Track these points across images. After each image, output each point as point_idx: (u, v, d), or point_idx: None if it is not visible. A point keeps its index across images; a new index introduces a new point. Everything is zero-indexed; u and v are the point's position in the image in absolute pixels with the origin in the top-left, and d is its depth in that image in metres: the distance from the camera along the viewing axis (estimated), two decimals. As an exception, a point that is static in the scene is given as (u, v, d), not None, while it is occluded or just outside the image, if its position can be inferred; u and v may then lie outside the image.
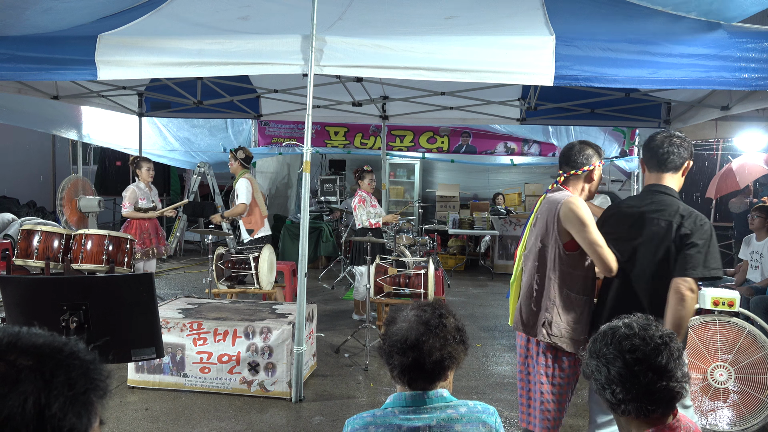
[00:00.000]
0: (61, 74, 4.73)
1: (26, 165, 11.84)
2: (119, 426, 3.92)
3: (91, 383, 0.92)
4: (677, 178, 2.79)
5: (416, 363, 1.64)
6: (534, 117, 7.90)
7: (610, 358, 1.57)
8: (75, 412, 0.88)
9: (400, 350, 1.65)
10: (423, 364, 1.64)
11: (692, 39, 4.03)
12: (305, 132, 4.34)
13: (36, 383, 0.86)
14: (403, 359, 1.65)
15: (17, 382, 0.85)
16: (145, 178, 6.66)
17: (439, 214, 11.28)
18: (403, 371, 1.66)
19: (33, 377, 0.86)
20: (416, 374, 1.66)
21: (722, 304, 3.98)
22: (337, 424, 4.03)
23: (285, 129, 10.88)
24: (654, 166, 2.80)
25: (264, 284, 5.72)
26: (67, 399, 0.87)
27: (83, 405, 0.90)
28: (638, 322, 1.62)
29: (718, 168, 10.40)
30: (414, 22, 4.67)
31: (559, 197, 2.82)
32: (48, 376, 0.87)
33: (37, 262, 5.80)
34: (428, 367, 1.65)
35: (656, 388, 1.53)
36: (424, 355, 1.64)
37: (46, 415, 0.85)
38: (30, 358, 0.88)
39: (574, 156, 2.90)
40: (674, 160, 2.75)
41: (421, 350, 1.64)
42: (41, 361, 0.88)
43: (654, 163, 2.80)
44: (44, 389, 0.86)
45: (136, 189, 6.53)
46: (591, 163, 2.90)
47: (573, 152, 2.91)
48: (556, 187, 2.93)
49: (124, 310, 2.44)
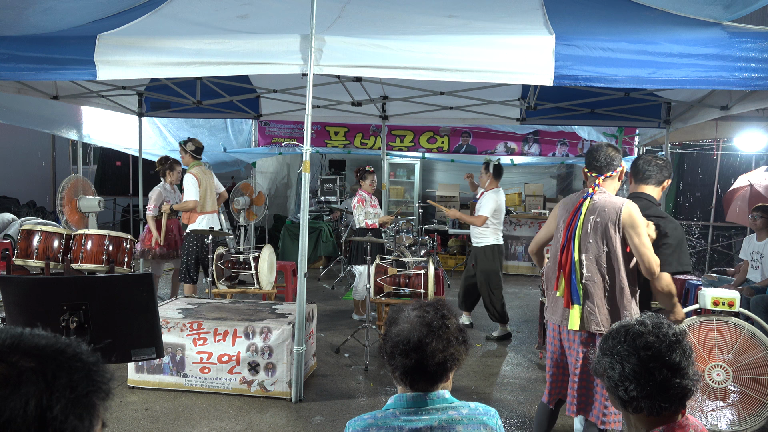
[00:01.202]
0: (60, 74, 4.73)
1: (26, 165, 11.84)
2: (119, 426, 3.92)
3: (93, 385, 0.91)
4: (657, 190, 3.36)
5: (419, 365, 1.63)
6: (534, 117, 7.90)
7: (624, 355, 1.56)
8: (77, 415, 0.88)
9: (403, 352, 1.64)
10: (426, 366, 1.64)
11: (692, 39, 4.03)
12: (305, 132, 4.34)
13: (38, 385, 0.85)
14: (406, 361, 1.64)
15: (19, 384, 0.84)
16: (174, 180, 6.64)
17: (439, 214, 11.28)
18: (406, 373, 1.65)
19: (35, 379, 0.85)
20: (419, 376, 1.65)
21: (722, 304, 3.97)
22: (337, 424, 4.03)
23: (285, 129, 10.88)
24: (638, 180, 3.41)
25: (264, 284, 5.72)
26: (69, 401, 0.87)
27: (85, 407, 0.89)
28: (651, 319, 1.62)
29: (718, 168, 10.40)
30: (413, 20, 4.67)
31: (614, 202, 3.03)
32: (50, 378, 0.87)
33: (37, 262, 5.80)
34: (431, 369, 1.64)
35: (670, 385, 1.53)
36: (427, 356, 1.63)
37: (47, 418, 0.84)
38: (32, 359, 0.88)
39: (608, 158, 3.11)
40: (653, 177, 3.35)
41: (424, 352, 1.63)
42: (43, 362, 0.88)
43: (639, 178, 3.40)
44: (46, 391, 0.85)
45: (162, 191, 6.52)
46: (620, 164, 3.15)
47: (606, 154, 3.11)
48: (599, 190, 3.09)
49: (124, 310, 2.44)
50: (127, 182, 11.04)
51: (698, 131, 8.03)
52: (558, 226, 3.21)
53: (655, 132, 8.38)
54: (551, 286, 3.18)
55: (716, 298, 3.99)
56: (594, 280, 3.02)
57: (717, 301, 3.98)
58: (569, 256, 3.05)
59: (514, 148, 10.64)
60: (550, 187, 13.25)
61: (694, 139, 9.09)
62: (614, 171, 3.11)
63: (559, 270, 3.10)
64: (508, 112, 8.00)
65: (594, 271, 3.02)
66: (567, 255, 3.06)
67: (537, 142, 10.63)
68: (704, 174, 10.69)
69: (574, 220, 3.07)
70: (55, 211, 11.69)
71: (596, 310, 3.00)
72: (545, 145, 10.65)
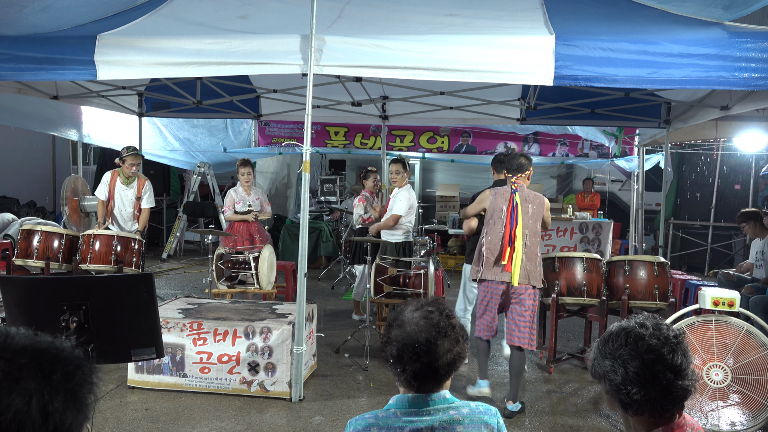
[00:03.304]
0: (60, 74, 4.73)
1: (26, 165, 11.83)
2: (119, 426, 3.92)
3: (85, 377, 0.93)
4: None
5: (429, 366, 1.62)
6: (534, 117, 7.90)
7: (627, 358, 1.55)
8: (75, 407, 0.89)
9: (413, 354, 1.62)
10: (437, 367, 1.63)
11: (692, 39, 4.03)
12: (305, 132, 4.33)
13: (37, 380, 0.86)
14: (416, 363, 1.62)
15: (20, 379, 0.85)
16: (243, 183, 6.59)
17: (439, 214, 11.28)
18: (416, 375, 1.64)
19: (34, 374, 0.87)
20: (428, 377, 1.65)
21: (722, 304, 3.97)
22: (337, 424, 4.03)
23: (285, 129, 10.88)
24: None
25: (264, 284, 5.72)
26: (67, 393, 0.89)
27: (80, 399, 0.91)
28: (650, 321, 1.62)
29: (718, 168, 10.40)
30: (413, 20, 4.67)
31: (537, 194, 4.43)
32: (47, 372, 0.88)
33: (37, 262, 5.80)
34: (442, 370, 1.64)
35: (673, 387, 1.53)
36: (438, 357, 1.62)
37: (49, 411, 0.86)
38: (25, 355, 0.89)
39: (519, 165, 4.42)
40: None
41: (435, 353, 1.62)
42: (37, 358, 0.89)
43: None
44: (46, 385, 0.87)
45: (233, 194, 6.54)
46: (529, 168, 4.47)
47: (518, 162, 4.43)
48: (519, 186, 4.36)
49: (124, 310, 2.44)
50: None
51: (698, 131, 8.03)
52: (494, 214, 4.37)
53: (655, 132, 8.38)
54: (498, 259, 4.26)
55: (716, 298, 3.98)
56: (532, 249, 4.28)
57: (717, 301, 3.98)
58: (514, 234, 4.19)
59: (514, 148, 10.64)
60: (550, 187, 13.25)
61: (694, 139, 9.09)
62: (523, 173, 4.41)
63: (507, 245, 4.20)
64: (508, 112, 8.00)
65: (531, 243, 4.28)
66: (513, 234, 4.19)
67: (537, 142, 10.64)
68: (704, 174, 10.68)
69: (515, 210, 4.22)
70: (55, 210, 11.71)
71: (533, 269, 4.27)
72: (545, 145, 10.66)
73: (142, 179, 6.59)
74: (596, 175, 12.67)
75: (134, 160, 6.42)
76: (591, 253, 6.17)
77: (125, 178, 6.48)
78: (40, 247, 5.79)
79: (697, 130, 7.97)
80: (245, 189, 6.59)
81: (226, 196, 6.62)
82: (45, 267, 5.79)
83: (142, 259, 6.11)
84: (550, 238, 9.39)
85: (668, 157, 8.29)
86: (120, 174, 6.48)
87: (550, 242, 9.29)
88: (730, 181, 10.61)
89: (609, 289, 5.15)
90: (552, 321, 5.15)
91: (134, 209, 6.52)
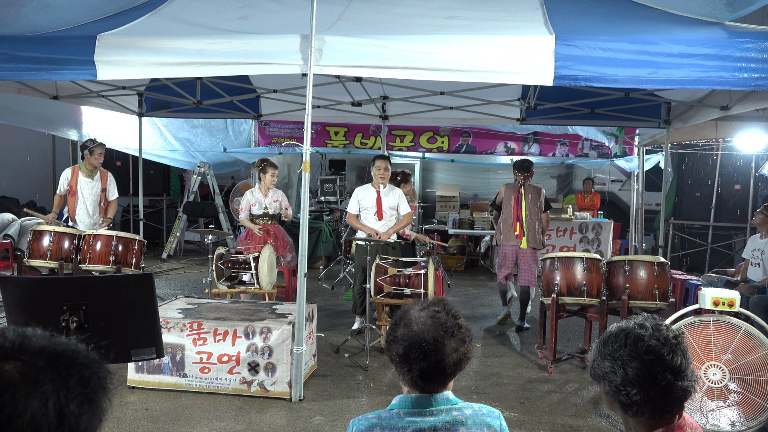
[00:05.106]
0: (60, 74, 4.73)
1: (26, 165, 11.84)
2: (119, 426, 3.92)
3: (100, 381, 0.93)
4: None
5: (436, 366, 1.62)
6: (534, 117, 7.90)
7: (627, 359, 1.54)
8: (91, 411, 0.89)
9: (421, 354, 1.62)
10: (444, 367, 1.63)
11: (692, 39, 4.03)
12: (305, 132, 4.33)
13: (54, 383, 0.86)
14: (423, 363, 1.62)
15: (37, 382, 0.85)
16: (267, 184, 6.40)
17: (439, 214, 11.28)
18: (422, 375, 1.63)
19: (51, 376, 0.86)
20: (434, 377, 1.65)
21: (722, 304, 3.97)
22: (337, 424, 4.04)
23: (285, 129, 10.87)
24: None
25: (264, 284, 5.72)
26: (83, 397, 0.88)
27: (95, 403, 0.90)
28: (649, 322, 1.61)
29: (718, 168, 10.40)
30: (413, 22, 4.67)
31: (536, 187, 6.59)
32: (64, 375, 0.88)
33: (51, 263, 5.78)
34: (448, 370, 1.64)
35: (673, 388, 1.52)
36: (445, 357, 1.62)
37: (65, 414, 0.85)
38: (43, 357, 0.88)
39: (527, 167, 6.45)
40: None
41: (442, 353, 1.62)
42: (54, 360, 0.88)
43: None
44: (62, 388, 0.86)
45: (249, 196, 6.37)
46: (531, 170, 6.50)
47: (526, 165, 6.47)
48: (526, 181, 6.46)
49: (124, 310, 2.44)
50: (128, 182, 11.03)
51: (698, 131, 8.03)
52: (509, 201, 6.46)
53: (655, 132, 8.39)
54: (511, 230, 6.40)
55: (716, 298, 3.98)
56: (532, 224, 6.38)
57: (717, 301, 3.98)
58: (521, 214, 6.37)
59: (514, 148, 10.65)
60: (550, 187, 13.25)
61: (694, 139, 9.09)
62: (528, 173, 6.43)
63: (516, 221, 6.37)
64: (508, 112, 8.00)
65: (531, 219, 6.39)
66: (519, 214, 6.38)
67: (537, 142, 10.63)
68: (704, 174, 10.67)
69: (521, 198, 6.40)
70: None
71: (532, 237, 6.39)
72: (545, 145, 10.65)
73: (104, 171, 6.62)
74: (596, 175, 12.68)
75: (102, 150, 6.51)
76: (591, 253, 6.17)
77: (89, 171, 6.48)
78: (53, 248, 5.78)
79: (697, 130, 7.98)
80: (263, 191, 6.43)
81: (244, 198, 6.43)
82: (59, 268, 5.76)
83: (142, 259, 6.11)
84: (550, 238, 9.39)
85: (668, 157, 8.30)
86: (82, 168, 6.48)
87: (550, 242, 9.29)
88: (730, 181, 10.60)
89: (609, 289, 5.15)
90: (552, 321, 5.15)
91: (100, 202, 6.54)
